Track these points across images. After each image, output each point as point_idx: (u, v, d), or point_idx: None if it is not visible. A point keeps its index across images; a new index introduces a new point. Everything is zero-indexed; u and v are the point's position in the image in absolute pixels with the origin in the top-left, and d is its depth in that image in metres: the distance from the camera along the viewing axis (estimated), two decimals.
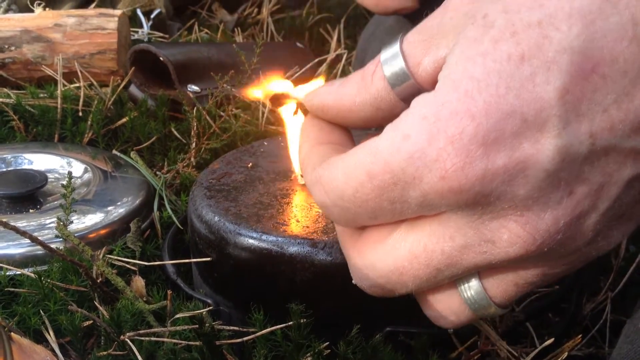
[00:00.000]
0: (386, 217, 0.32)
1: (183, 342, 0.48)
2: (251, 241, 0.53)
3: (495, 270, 0.33)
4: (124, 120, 0.78)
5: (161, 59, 0.81)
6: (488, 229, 0.30)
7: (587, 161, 0.29)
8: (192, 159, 0.73)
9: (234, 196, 0.57)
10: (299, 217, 0.54)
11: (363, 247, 0.34)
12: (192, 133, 0.75)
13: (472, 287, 0.33)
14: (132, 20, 1.03)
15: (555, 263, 0.32)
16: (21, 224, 0.61)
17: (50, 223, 0.62)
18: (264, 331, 0.49)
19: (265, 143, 0.67)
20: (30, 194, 0.65)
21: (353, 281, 0.35)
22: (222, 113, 0.79)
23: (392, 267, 0.32)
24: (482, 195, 0.29)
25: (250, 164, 0.62)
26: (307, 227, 0.52)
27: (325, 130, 0.37)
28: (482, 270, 0.33)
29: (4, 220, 0.54)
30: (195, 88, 0.82)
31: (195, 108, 0.77)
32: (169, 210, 0.66)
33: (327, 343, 0.49)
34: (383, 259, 0.33)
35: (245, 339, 0.49)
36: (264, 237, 0.52)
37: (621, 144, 0.29)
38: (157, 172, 0.72)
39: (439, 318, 0.34)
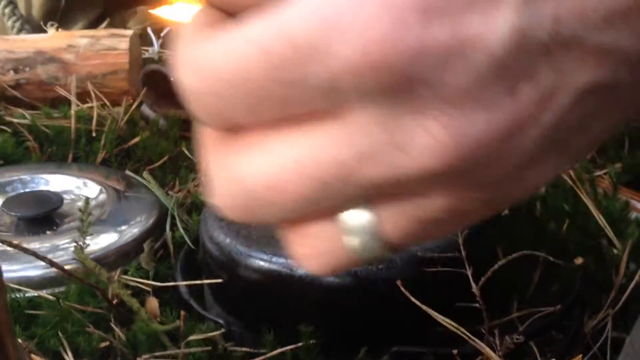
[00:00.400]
0: (272, 109, 0.23)
1: None
2: (261, 263, 0.55)
3: (394, 197, 0.25)
4: (136, 139, 0.80)
5: (172, 79, 0.82)
6: (401, 128, 0.23)
7: (543, 52, 0.23)
8: (203, 179, 0.75)
9: None
10: None
11: (232, 154, 0.24)
12: None
13: (360, 219, 0.25)
14: (143, 38, 1.05)
15: (470, 194, 0.25)
16: (38, 245, 0.63)
17: (66, 245, 0.64)
18: (274, 352, 0.50)
19: None
20: (46, 215, 0.67)
21: (211, 200, 0.24)
22: None
23: (267, 180, 0.23)
24: (407, 77, 0.22)
25: None
26: None
27: (217, 18, 0.25)
28: (376, 198, 0.25)
29: (18, 243, 0.56)
30: None
31: None
32: (181, 230, 0.67)
33: None
34: (256, 169, 0.23)
35: None
36: (274, 259, 0.54)
37: (588, 36, 0.24)
38: (169, 192, 0.74)
39: (311, 258, 0.25)
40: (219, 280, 0.56)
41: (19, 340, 0.51)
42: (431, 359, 0.50)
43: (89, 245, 0.62)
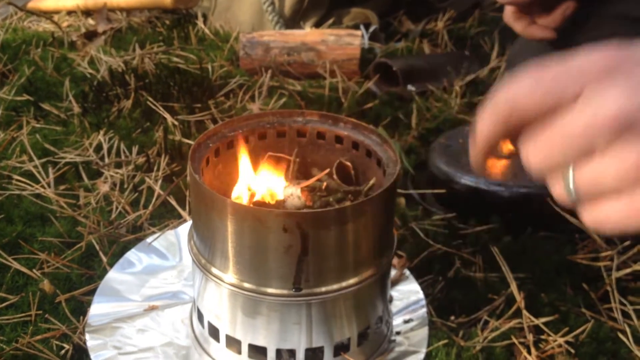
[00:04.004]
0: None
1: None
2: (465, 181, 0.99)
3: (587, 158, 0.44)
4: (369, 105, 1.26)
5: (394, 69, 1.28)
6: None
7: None
8: (415, 133, 1.20)
9: (455, 157, 1.04)
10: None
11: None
12: (413, 117, 1.21)
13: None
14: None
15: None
16: None
17: None
18: (476, 229, 0.95)
19: (466, 128, 1.13)
20: None
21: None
22: (429, 105, 1.25)
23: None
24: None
25: (461, 140, 1.08)
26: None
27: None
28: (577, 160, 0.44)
29: None
30: (412, 87, 1.29)
31: (413, 100, 1.24)
32: (406, 163, 1.13)
33: None
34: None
35: None
36: (472, 179, 0.98)
37: None
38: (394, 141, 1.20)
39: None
40: (442, 191, 1.02)
41: None
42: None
43: None
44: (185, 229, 0.91)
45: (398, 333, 0.77)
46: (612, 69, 0.44)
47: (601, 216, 0.46)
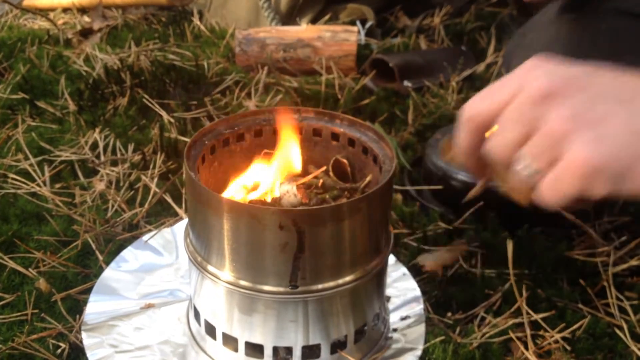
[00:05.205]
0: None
1: None
2: (461, 177, 0.99)
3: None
4: (366, 101, 1.26)
5: (390, 65, 1.27)
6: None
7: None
8: (411, 129, 1.20)
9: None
10: None
11: None
12: (410, 113, 1.21)
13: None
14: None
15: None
16: None
17: None
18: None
19: None
20: None
21: None
22: (425, 101, 1.25)
23: None
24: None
25: None
26: None
27: None
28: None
29: None
30: (408, 83, 1.28)
31: (409, 96, 1.24)
32: (403, 160, 1.13)
33: None
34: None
35: None
36: (466, 176, 0.98)
37: None
38: (390, 137, 1.19)
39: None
40: (439, 187, 1.01)
41: None
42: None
43: None
44: (181, 226, 0.91)
45: (395, 330, 0.76)
46: (535, 67, 0.56)
47: (557, 183, 0.54)
